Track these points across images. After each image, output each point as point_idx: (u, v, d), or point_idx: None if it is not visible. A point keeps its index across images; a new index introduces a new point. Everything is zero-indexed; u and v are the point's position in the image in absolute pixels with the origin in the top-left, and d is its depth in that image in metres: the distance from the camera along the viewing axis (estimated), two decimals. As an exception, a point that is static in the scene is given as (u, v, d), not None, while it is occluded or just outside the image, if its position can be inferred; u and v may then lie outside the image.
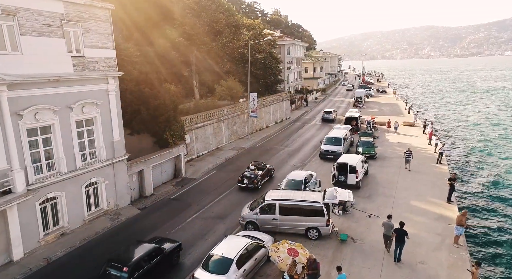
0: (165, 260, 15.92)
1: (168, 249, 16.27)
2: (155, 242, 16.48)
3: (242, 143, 39.30)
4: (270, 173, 28.32)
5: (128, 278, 13.80)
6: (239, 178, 26.28)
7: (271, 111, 50.39)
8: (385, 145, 38.81)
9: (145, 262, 14.79)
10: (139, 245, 15.73)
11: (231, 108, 39.80)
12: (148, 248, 15.35)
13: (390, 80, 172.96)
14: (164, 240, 17.21)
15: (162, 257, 15.66)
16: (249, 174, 26.18)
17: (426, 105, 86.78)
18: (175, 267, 16.75)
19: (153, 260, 15.16)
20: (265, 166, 28.08)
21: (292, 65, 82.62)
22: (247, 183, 25.66)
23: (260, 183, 26.16)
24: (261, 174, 26.72)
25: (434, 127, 42.87)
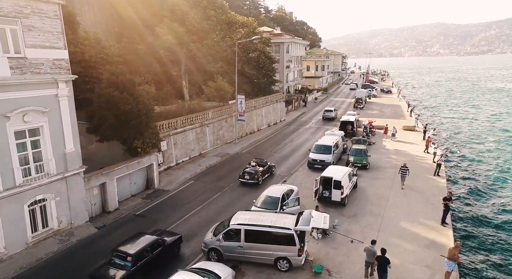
0: (166, 251, 16.93)
1: (169, 240, 17.27)
2: (157, 234, 17.42)
3: (228, 148, 36.93)
4: (270, 169, 29.42)
5: (132, 267, 14.89)
6: (240, 173, 27.42)
7: (263, 113, 47.94)
8: (380, 152, 36.19)
9: (148, 253, 15.81)
10: (142, 236, 16.67)
11: (217, 111, 37.44)
12: (150, 240, 16.34)
13: (396, 79, 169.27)
14: (166, 233, 18.28)
15: (163, 248, 16.69)
16: (250, 170, 27.29)
17: (430, 107, 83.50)
18: (175, 258, 17.67)
19: (155, 251, 16.20)
20: (266, 163, 29.17)
21: (291, 64, 79.97)
22: (248, 178, 26.75)
23: (260, 178, 27.27)
24: (262, 170, 27.80)
25: (435, 133, 39.91)
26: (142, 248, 15.61)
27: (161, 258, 16.46)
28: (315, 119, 56.81)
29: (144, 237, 16.57)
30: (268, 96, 49.78)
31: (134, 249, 15.43)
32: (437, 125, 58.30)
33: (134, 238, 16.58)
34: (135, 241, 16.23)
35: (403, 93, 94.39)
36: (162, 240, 16.82)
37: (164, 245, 16.75)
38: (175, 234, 18.21)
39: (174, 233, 18.32)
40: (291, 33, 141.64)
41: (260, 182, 27.09)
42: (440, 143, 46.00)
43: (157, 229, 18.91)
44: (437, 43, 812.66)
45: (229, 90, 42.31)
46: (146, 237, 16.51)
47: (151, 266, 15.91)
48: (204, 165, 31.04)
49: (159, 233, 17.88)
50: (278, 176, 29.59)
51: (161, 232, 18.09)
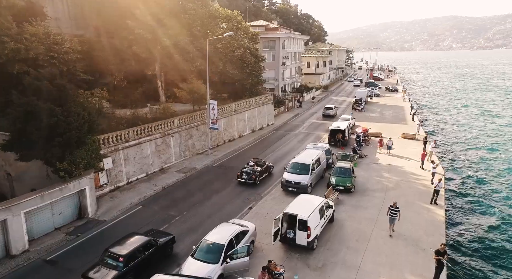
0: (159, 252, 16.99)
1: (162, 241, 17.36)
2: (150, 235, 17.43)
3: (197, 161, 32.35)
4: (269, 170, 29.22)
5: (123, 268, 15.03)
6: (238, 173, 27.36)
7: (246, 118, 43.18)
8: (371, 168, 31.29)
9: (140, 253, 15.92)
10: (135, 237, 16.72)
11: (185, 119, 32.82)
12: (143, 240, 16.43)
13: (403, 75, 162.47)
14: (159, 233, 18.33)
15: (156, 249, 16.75)
16: (248, 170, 27.28)
17: (436, 109, 77.71)
18: (168, 258, 17.70)
19: (147, 251, 16.28)
20: (264, 163, 29.08)
21: (288, 60, 74.83)
22: (245, 178, 26.78)
23: (258, 178, 27.25)
24: (260, 170, 27.73)
25: (435, 145, 34.53)
26: (134, 249, 15.71)
27: (153, 258, 16.60)
28: (307, 123, 51.85)
29: (136, 237, 16.73)
30: (253, 99, 44.95)
31: (126, 250, 15.54)
32: (441, 134, 52.90)
33: (126, 238, 16.68)
34: (127, 241, 16.32)
35: (409, 91, 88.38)
36: (155, 241, 16.92)
37: (156, 246, 16.84)
38: (168, 234, 18.41)
39: (167, 233, 18.46)
40: (295, 26, 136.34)
41: (257, 182, 26.97)
42: (441, 156, 40.83)
43: (151, 229, 18.98)
44: (450, 37, 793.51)
45: (205, 92, 37.65)
46: (139, 238, 16.65)
47: (143, 266, 15.96)
48: (160, 185, 26.51)
49: (152, 233, 18.02)
50: (244, 200, 24.97)
51: (154, 232, 18.22)
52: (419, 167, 31.12)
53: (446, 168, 35.61)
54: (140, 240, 16.45)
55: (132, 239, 16.52)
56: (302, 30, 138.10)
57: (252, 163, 28.54)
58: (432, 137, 47.73)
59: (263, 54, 72.69)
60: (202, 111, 35.02)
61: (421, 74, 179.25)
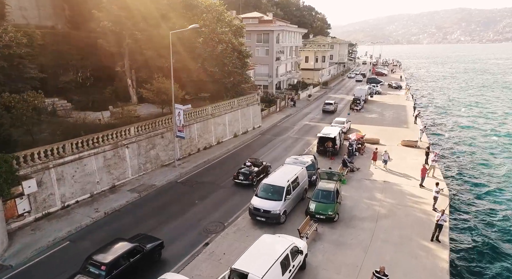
0: (146, 258, 16.16)
1: (149, 247, 16.51)
2: (137, 240, 16.69)
3: (159, 176, 27.69)
4: (266, 170, 28.20)
5: (106, 276, 14.19)
6: (235, 174, 26.72)
7: (226, 121, 38.40)
8: (362, 186, 26.47)
9: (125, 260, 15.07)
10: (119, 243, 15.85)
11: (147, 126, 28.11)
12: (128, 247, 15.55)
13: (409, 70, 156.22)
14: (147, 238, 17.43)
15: (142, 255, 15.94)
16: (245, 170, 26.45)
17: (441, 108, 72.26)
18: (155, 265, 16.77)
19: (133, 258, 15.47)
20: (261, 163, 28.40)
21: (283, 55, 69.71)
22: (242, 179, 26.05)
23: (255, 179, 26.30)
24: (257, 170, 26.88)
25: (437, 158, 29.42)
26: (118, 256, 14.95)
27: (140, 265, 15.91)
28: (299, 126, 46.93)
29: (121, 243, 15.89)
30: (235, 100, 40.09)
31: (109, 258, 14.77)
32: (445, 141, 47.58)
33: (110, 244, 15.84)
34: (111, 248, 15.51)
35: (414, 88, 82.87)
36: (141, 247, 16.20)
37: (143, 252, 16.12)
38: (157, 239, 17.63)
39: (155, 238, 17.66)
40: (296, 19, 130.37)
41: (254, 183, 25.87)
42: (445, 172, 35.67)
43: (139, 234, 18.03)
44: (458, 30, 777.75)
45: (177, 92, 32.92)
46: (124, 244, 15.84)
47: (128, 274, 15.24)
48: (103, 209, 21.88)
49: (140, 238, 17.28)
50: (197, 236, 20.35)
51: (142, 237, 17.41)
52: (418, 185, 26.27)
53: (451, 189, 30.43)
54: (125, 246, 15.64)
55: (116, 246, 15.66)
56: (304, 23, 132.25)
57: (249, 163, 27.61)
58: (435, 147, 42.79)
59: (257, 49, 68.33)
60: (168, 116, 30.26)
61: (427, 69, 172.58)
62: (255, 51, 67.86)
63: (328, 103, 56.25)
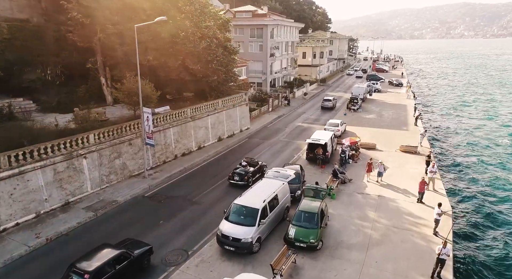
0: (134, 265, 15.46)
1: (137, 253, 15.76)
2: (125, 246, 16.02)
3: (125, 189, 24.49)
4: (262, 169, 27.62)
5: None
6: (230, 174, 26.13)
7: (209, 124, 35.15)
8: (354, 201, 23.26)
9: (110, 267, 14.37)
10: (105, 249, 15.14)
11: (111, 132, 24.88)
12: (114, 253, 14.85)
13: (411, 66, 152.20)
14: (135, 243, 16.63)
15: (130, 262, 15.22)
16: (240, 171, 25.94)
17: (444, 108, 68.66)
18: (144, 272, 16.04)
19: (120, 264, 14.77)
20: (257, 162, 27.85)
21: (277, 51, 66.25)
22: (237, 180, 25.50)
23: (251, 180, 25.54)
24: (253, 170, 26.31)
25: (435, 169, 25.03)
26: (103, 263, 14.12)
27: (127, 272, 15.06)
28: (290, 128, 43.62)
29: (108, 249, 15.07)
30: (219, 100, 36.79)
31: (93, 265, 13.94)
32: (447, 147, 43.76)
33: (96, 251, 15.06)
34: (96, 254, 14.72)
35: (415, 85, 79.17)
36: (129, 253, 15.37)
37: (130, 258, 15.26)
38: (146, 244, 16.73)
39: (144, 244, 16.78)
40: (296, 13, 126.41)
41: (250, 183, 24.57)
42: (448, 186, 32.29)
43: (127, 239, 17.20)
44: (462, 25, 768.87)
45: (151, 93, 29.70)
46: (110, 250, 15.02)
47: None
48: (45, 235, 18.64)
49: (127, 243, 16.39)
50: (161, 261, 17.23)
51: (130, 243, 16.55)
52: (416, 202, 23.04)
53: (454, 207, 26.90)
54: (111, 252, 14.91)
55: (102, 252, 14.95)
56: (304, 17, 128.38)
57: (244, 163, 26.89)
58: (437, 155, 39.32)
59: (250, 44, 64.82)
60: (137, 120, 27.01)
61: (430, 65, 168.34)
62: (248, 46, 64.60)
63: (326, 100, 55.15)
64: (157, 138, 28.57)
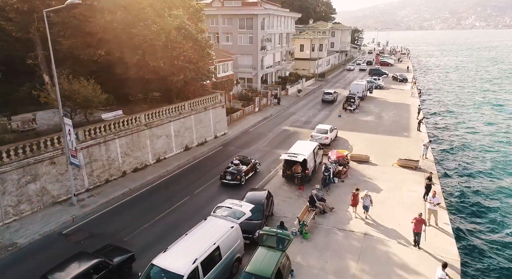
0: (113, 274, 14.54)
1: (117, 261, 14.88)
2: (105, 253, 15.26)
3: (38, 223, 19.14)
4: (255, 167, 26.87)
5: None
6: (222, 173, 25.03)
7: (171, 132, 29.71)
8: (332, 244, 17.70)
9: (87, 278, 13.58)
10: (82, 258, 14.34)
11: (25, 147, 19.52)
12: (91, 262, 14.03)
13: (418, 59, 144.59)
14: (116, 250, 15.77)
15: (108, 271, 14.32)
16: (232, 170, 24.97)
17: (453, 109, 62.16)
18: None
19: (98, 274, 13.98)
20: (250, 160, 26.86)
21: (270, 43, 60.33)
22: (229, 179, 24.52)
23: (243, 179, 24.87)
24: (245, 169, 25.40)
25: (436, 202, 18.82)
26: (78, 274, 13.29)
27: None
28: (274, 133, 37.95)
29: (83, 258, 14.31)
30: (185, 103, 31.25)
31: (66, 276, 13.06)
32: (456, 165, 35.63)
33: (71, 260, 14.26)
34: (72, 264, 13.95)
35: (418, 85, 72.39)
36: (107, 262, 14.45)
37: (109, 267, 14.30)
38: (127, 251, 15.81)
39: (125, 250, 15.85)
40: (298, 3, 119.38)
41: (243, 183, 24.67)
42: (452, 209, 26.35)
43: (108, 245, 16.26)
44: (473, 15, 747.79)
45: (91, 96, 24.34)
46: (87, 258, 14.28)
47: None
48: None
49: (108, 250, 15.61)
50: None
51: (111, 249, 15.71)
52: (413, 244, 17.48)
53: (463, 265, 19.58)
54: (88, 261, 13.98)
55: (78, 261, 14.04)
56: (306, 8, 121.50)
57: (237, 161, 25.98)
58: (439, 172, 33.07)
59: (239, 36, 58.87)
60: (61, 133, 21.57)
61: (438, 57, 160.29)
62: (238, 39, 58.90)
63: (327, 93, 54.23)
64: (95, 153, 23.23)
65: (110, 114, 26.97)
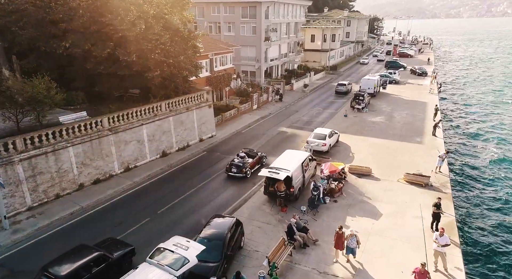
0: (113, 268, 14.33)
1: (117, 255, 14.71)
2: (105, 246, 15.11)
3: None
4: (261, 160, 26.35)
5: None
6: (227, 165, 24.74)
7: (144, 136, 26.09)
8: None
9: (86, 271, 13.37)
10: (81, 251, 14.14)
11: None
12: (91, 256, 13.83)
13: (441, 50, 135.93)
14: (116, 244, 15.66)
15: (108, 265, 14.12)
16: (238, 162, 24.61)
17: (480, 111, 55.80)
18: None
19: (97, 267, 13.75)
20: (256, 153, 26.46)
21: (275, 34, 55.80)
22: (235, 172, 24.16)
23: (249, 172, 24.52)
24: (251, 162, 25.07)
25: (443, 244, 14.33)
26: (77, 267, 13.13)
27: (106, 275, 13.95)
28: (269, 135, 33.88)
29: (84, 251, 14.11)
30: (162, 103, 27.50)
31: (66, 269, 12.92)
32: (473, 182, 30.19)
33: (71, 253, 14.10)
34: (71, 257, 13.78)
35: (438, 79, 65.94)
36: (107, 256, 14.26)
37: (108, 261, 14.15)
38: (127, 245, 15.65)
39: (125, 244, 15.69)
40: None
41: (248, 176, 24.37)
42: (468, 248, 21.30)
43: (109, 238, 16.28)
44: (505, 1, 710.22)
45: (36, 95, 20.81)
46: (87, 252, 14.04)
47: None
48: None
49: (109, 243, 15.50)
50: None
51: (111, 243, 15.62)
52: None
53: None
54: (87, 255, 13.82)
55: (78, 254, 13.88)
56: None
57: (242, 154, 25.70)
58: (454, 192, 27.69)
59: (242, 26, 54.53)
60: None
61: (464, 48, 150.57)
62: (240, 29, 54.59)
63: (341, 84, 52.78)
64: (41, 164, 19.87)
65: (69, 116, 23.53)
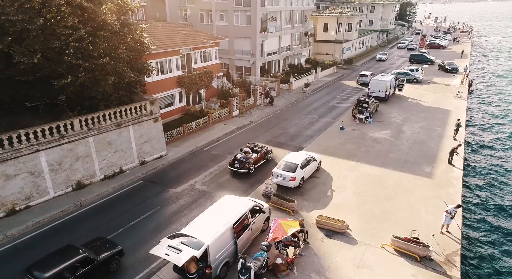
0: (99, 269, 14.21)
1: (104, 256, 14.47)
2: (92, 247, 14.88)
3: None
4: (266, 155, 25.38)
5: None
6: (231, 160, 23.90)
7: (42, 167, 19.58)
8: None
9: (70, 273, 13.23)
10: (66, 252, 13.96)
11: None
12: (76, 257, 13.62)
13: (481, 39, 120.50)
14: (104, 244, 15.31)
15: (93, 267, 13.93)
16: (241, 157, 23.73)
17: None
18: (111, 276, 14.58)
19: (84, 268, 13.60)
20: (261, 148, 25.47)
21: (274, 24, 48.02)
22: (238, 167, 23.35)
23: (252, 167, 23.70)
24: (255, 157, 24.18)
25: None
26: (61, 269, 13.00)
27: (92, 277, 13.89)
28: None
29: (69, 252, 13.90)
30: (73, 120, 20.77)
31: (48, 271, 12.76)
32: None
33: (57, 253, 13.91)
34: (56, 258, 13.57)
35: (470, 79, 53.75)
36: (93, 257, 14.03)
37: (93, 263, 13.93)
38: (115, 245, 15.29)
39: (114, 245, 15.32)
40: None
41: (252, 171, 23.58)
42: None
43: (98, 237, 15.90)
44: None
45: None
46: (72, 253, 13.83)
47: None
48: None
49: (95, 244, 15.11)
50: None
51: (99, 243, 15.28)
52: None
53: None
54: (72, 256, 13.59)
55: (62, 255, 13.71)
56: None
57: (246, 148, 24.73)
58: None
59: (235, 14, 46.92)
60: None
61: (508, 37, 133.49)
62: (234, 18, 47.27)
63: (363, 75, 49.71)
64: None
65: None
